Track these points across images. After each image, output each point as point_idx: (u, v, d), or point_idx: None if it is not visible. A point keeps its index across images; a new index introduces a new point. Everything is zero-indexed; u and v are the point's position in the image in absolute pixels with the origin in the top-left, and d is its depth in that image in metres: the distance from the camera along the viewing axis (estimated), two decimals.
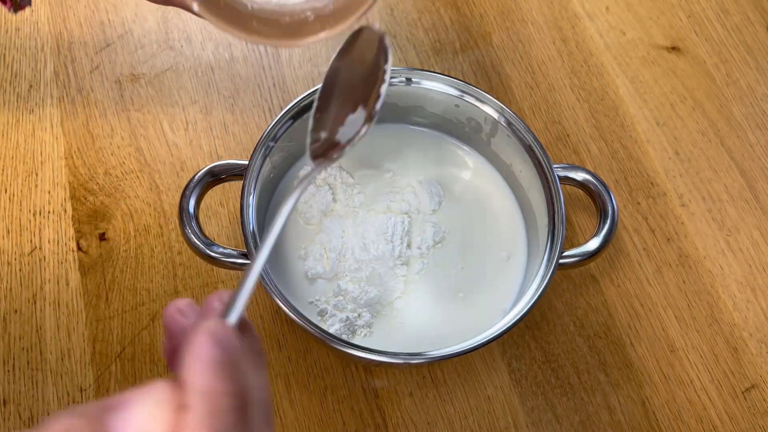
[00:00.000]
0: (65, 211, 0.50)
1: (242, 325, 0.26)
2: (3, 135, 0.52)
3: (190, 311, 0.26)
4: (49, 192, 0.51)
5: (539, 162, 0.45)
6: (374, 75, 0.35)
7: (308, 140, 0.35)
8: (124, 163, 0.52)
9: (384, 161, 0.50)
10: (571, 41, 0.58)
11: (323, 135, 0.36)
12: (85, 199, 0.50)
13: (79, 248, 0.49)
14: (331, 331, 0.44)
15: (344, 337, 0.44)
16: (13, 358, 0.46)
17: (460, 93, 0.47)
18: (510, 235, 0.49)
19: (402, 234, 0.47)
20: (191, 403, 0.21)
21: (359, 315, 0.45)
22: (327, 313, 0.45)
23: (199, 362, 0.22)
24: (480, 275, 0.47)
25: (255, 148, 0.44)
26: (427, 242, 0.47)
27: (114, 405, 0.21)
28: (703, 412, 0.47)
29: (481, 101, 0.47)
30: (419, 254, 0.47)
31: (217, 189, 0.51)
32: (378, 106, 0.34)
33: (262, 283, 0.40)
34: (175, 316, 0.25)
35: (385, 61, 0.34)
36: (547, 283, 0.42)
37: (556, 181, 0.45)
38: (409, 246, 0.47)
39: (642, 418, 0.46)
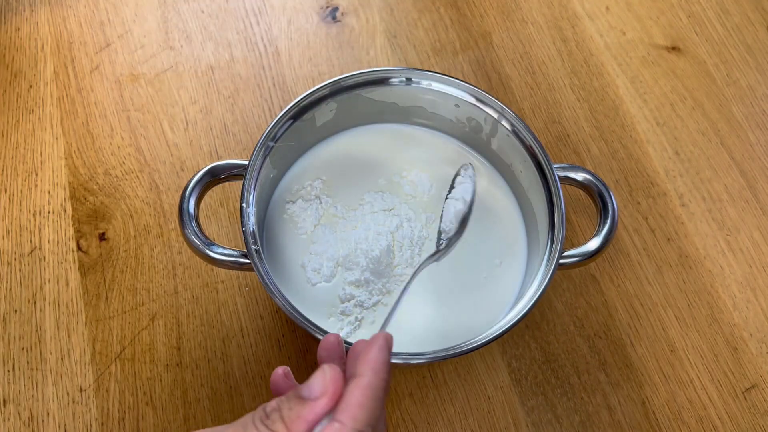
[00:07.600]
0: (65, 211, 0.50)
1: None
2: (3, 135, 0.52)
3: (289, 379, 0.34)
4: (48, 192, 0.50)
5: (539, 162, 0.45)
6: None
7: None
8: (124, 163, 0.52)
9: (383, 161, 0.50)
10: (571, 41, 0.58)
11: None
12: (85, 199, 0.50)
13: (79, 248, 0.49)
14: (334, 331, 0.44)
15: (345, 337, 0.44)
16: (13, 359, 0.46)
17: (460, 93, 0.47)
18: (510, 235, 0.49)
19: (400, 235, 0.47)
20: (361, 372, 0.28)
21: (362, 317, 0.45)
22: (333, 316, 0.45)
23: (377, 349, 0.29)
24: (480, 275, 0.47)
25: (255, 148, 0.44)
26: (426, 242, 0.47)
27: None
28: (703, 412, 0.47)
29: (481, 101, 0.47)
30: (418, 254, 0.47)
31: (217, 189, 0.51)
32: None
33: (262, 285, 0.40)
34: (280, 381, 0.34)
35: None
36: (548, 283, 0.42)
37: (556, 180, 0.44)
38: (407, 246, 0.47)
39: (642, 418, 0.46)
